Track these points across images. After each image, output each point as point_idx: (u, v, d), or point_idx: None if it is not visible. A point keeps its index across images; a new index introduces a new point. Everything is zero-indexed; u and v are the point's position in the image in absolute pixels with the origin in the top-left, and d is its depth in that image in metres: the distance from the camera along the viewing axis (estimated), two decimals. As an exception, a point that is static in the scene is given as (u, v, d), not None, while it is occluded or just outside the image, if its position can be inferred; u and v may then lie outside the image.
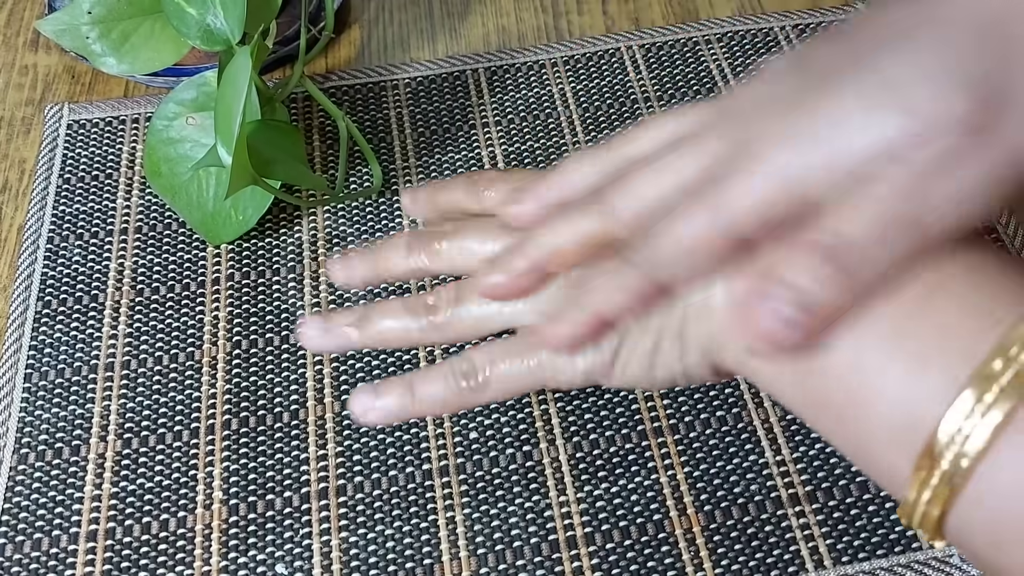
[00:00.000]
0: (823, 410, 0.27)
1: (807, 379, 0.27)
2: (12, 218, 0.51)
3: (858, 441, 0.26)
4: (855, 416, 0.26)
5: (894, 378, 0.25)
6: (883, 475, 0.26)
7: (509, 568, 0.39)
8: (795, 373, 0.27)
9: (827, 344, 0.26)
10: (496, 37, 0.59)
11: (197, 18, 0.46)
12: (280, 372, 0.44)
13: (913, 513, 0.24)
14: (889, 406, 0.25)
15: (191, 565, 0.39)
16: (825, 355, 0.26)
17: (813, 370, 0.26)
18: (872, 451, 0.26)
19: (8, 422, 0.43)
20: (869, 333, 0.25)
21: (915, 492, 0.24)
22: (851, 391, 0.25)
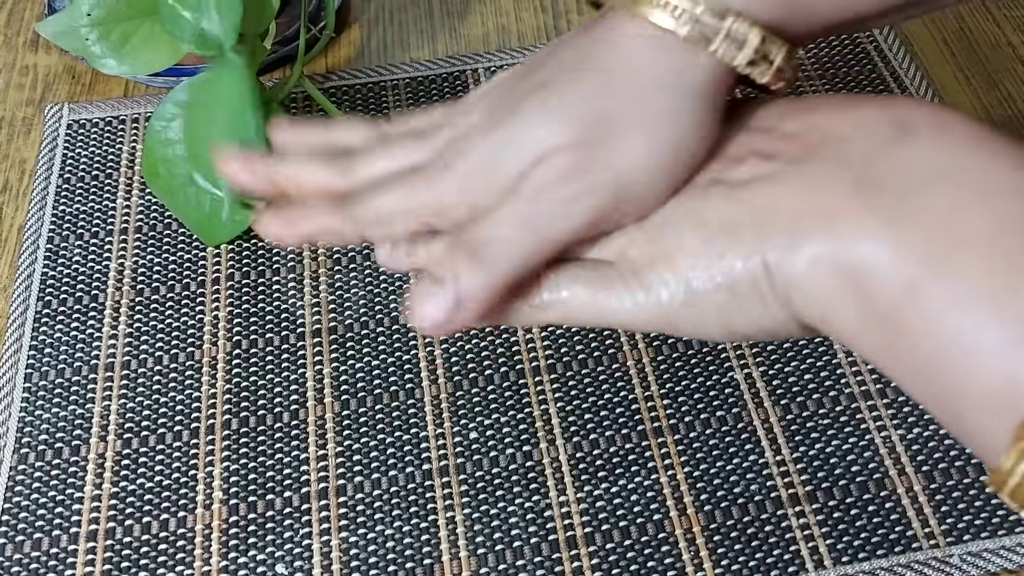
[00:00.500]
0: (914, 372, 0.26)
1: (898, 340, 0.25)
2: (12, 218, 0.51)
3: (952, 405, 0.25)
4: (950, 378, 0.25)
5: (994, 339, 0.23)
6: (977, 441, 0.25)
7: (509, 568, 0.39)
8: (884, 333, 0.26)
9: (919, 303, 0.24)
10: (496, 37, 0.59)
11: (192, 22, 0.46)
12: (280, 372, 0.44)
13: (1007, 482, 0.23)
14: (988, 368, 0.24)
15: (191, 565, 0.39)
16: (917, 314, 0.25)
17: (904, 330, 0.25)
18: (967, 415, 0.25)
19: (8, 422, 0.43)
20: (962, 289, 0.24)
21: (1012, 461, 0.23)
22: (946, 352, 0.24)
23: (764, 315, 0.28)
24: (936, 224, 0.25)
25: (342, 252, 0.49)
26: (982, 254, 0.24)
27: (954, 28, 0.58)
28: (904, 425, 0.42)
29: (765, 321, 0.28)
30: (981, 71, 0.56)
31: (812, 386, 0.44)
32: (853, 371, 0.44)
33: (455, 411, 0.43)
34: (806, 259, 0.26)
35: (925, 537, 0.39)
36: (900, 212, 0.25)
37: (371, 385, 0.44)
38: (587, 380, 0.44)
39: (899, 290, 0.25)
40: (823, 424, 0.42)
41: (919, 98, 0.27)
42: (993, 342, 0.23)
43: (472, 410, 0.43)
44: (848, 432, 0.42)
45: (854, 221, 0.25)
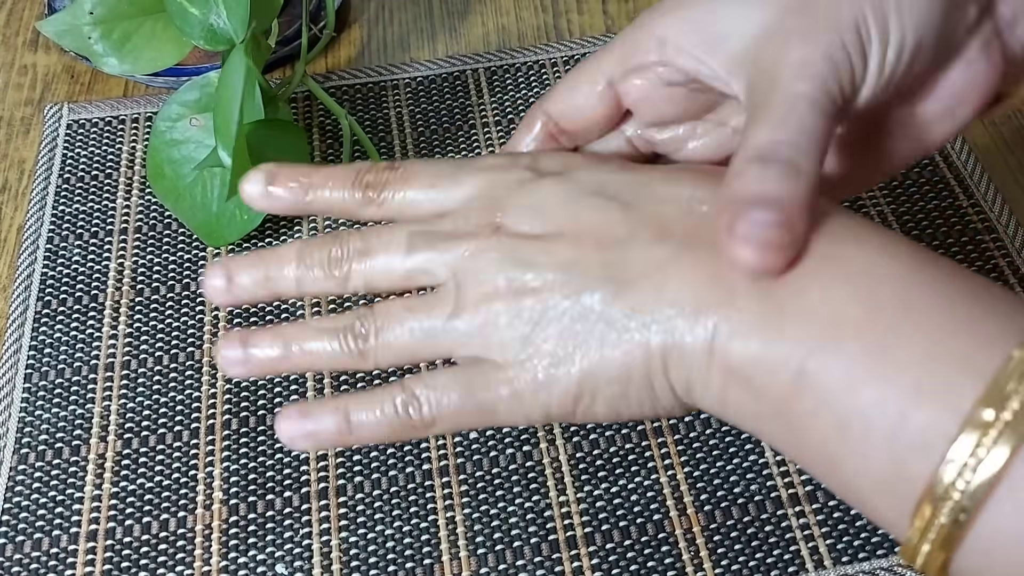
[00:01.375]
0: (812, 461, 0.26)
1: (792, 431, 0.25)
2: (12, 218, 0.51)
3: (852, 491, 0.25)
4: (844, 467, 0.25)
5: (878, 426, 0.23)
6: (880, 519, 0.25)
7: (509, 568, 0.39)
8: (779, 424, 0.26)
9: (806, 394, 0.24)
10: (496, 37, 0.59)
11: (200, 18, 0.46)
12: (280, 372, 0.44)
13: (915, 556, 0.23)
14: (877, 457, 0.23)
15: (191, 565, 0.39)
16: (802, 397, 0.24)
17: (794, 421, 0.25)
18: (866, 500, 0.25)
19: (8, 422, 0.43)
20: (843, 377, 0.24)
21: (916, 537, 0.23)
22: (836, 441, 0.24)
23: (656, 402, 0.28)
24: (816, 312, 0.24)
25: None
26: (860, 339, 0.24)
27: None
28: (904, 425, 0.42)
29: (657, 407, 0.28)
30: (981, 71, 0.56)
31: (812, 386, 0.44)
32: (853, 371, 0.44)
33: (455, 411, 0.43)
34: (700, 351, 0.26)
35: (925, 537, 0.39)
36: (786, 302, 0.25)
37: (371, 385, 0.44)
38: (587, 380, 0.44)
39: (787, 379, 0.25)
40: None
41: None
42: (877, 429, 0.23)
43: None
44: (848, 432, 0.42)
45: (745, 312, 0.25)
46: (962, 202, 0.50)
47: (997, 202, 0.50)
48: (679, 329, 0.26)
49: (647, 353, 0.26)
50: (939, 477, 0.22)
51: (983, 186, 0.50)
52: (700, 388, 0.27)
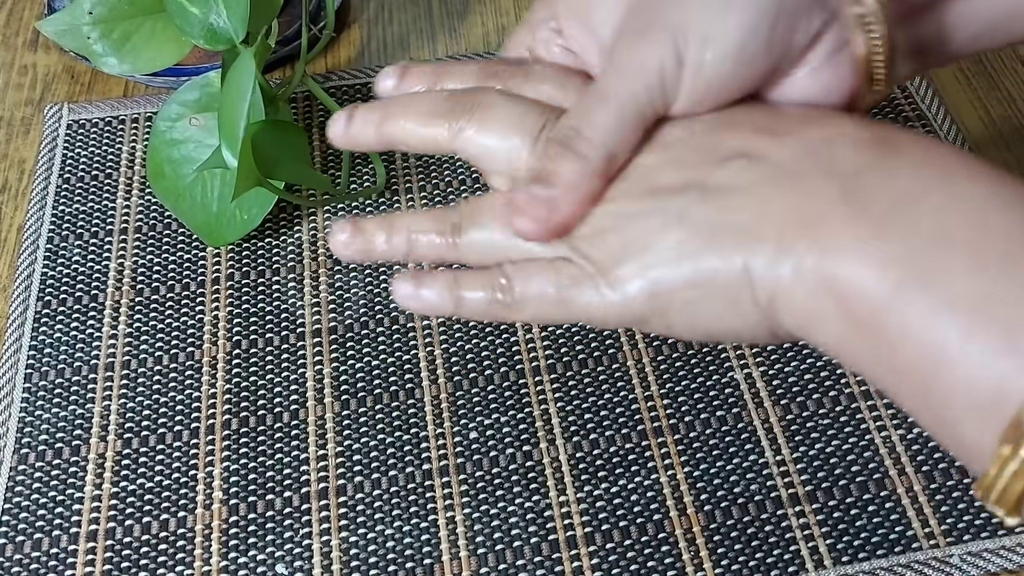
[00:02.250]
0: (898, 380, 0.26)
1: (880, 348, 0.25)
2: (12, 218, 0.51)
3: (937, 412, 0.25)
4: (934, 387, 0.24)
5: (977, 348, 0.23)
6: (963, 447, 0.25)
7: (509, 568, 0.39)
8: (866, 341, 0.25)
9: (901, 312, 0.24)
10: (496, 37, 0.59)
11: (200, 17, 0.46)
12: (280, 372, 0.44)
13: (992, 487, 0.23)
14: (972, 377, 0.23)
15: (191, 565, 0.39)
16: (899, 323, 0.24)
17: (886, 338, 0.25)
18: (952, 422, 0.25)
19: (8, 422, 0.43)
20: (945, 298, 0.24)
21: (997, 467, 0.23)
22: (929, 361, 0.24)
23: (736, 317, 0.28)
24: (924, 232, 0.25)
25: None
26: (965, 263, 0.24)
27: (954, 28, 0.58)
28: (904, 425, 0.42)
29: (736, 323, 0.28)
30: (981, 71, 0.56)
31: (812, 386, 0.44)
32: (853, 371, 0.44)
33: (455, 411, 0.43)
34: (791, 269, 0.26)
35: (925, 537, 0.39)
36: (885, 223, 0.25)
37: (371, 385, 0.44)
38: (587, 380, 0.44)
39: (881, 299, 0.24)
40: (823, 424, 0.42)
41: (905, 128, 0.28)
42: (976, 351, 0.23)
43: (472, 410, 0.43)
44: (848, 432, 0.42)
45: (839, 232, 0.25)
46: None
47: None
48: (766, 242, 0.26)
49: (730, 261, 0.27)
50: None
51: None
52: (784, 304, 0.26)
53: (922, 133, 0.28)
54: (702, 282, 0.27)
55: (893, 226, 0.25)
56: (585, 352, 0.45)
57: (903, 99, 0.54)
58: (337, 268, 0.48)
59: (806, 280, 0.26)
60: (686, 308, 0.28)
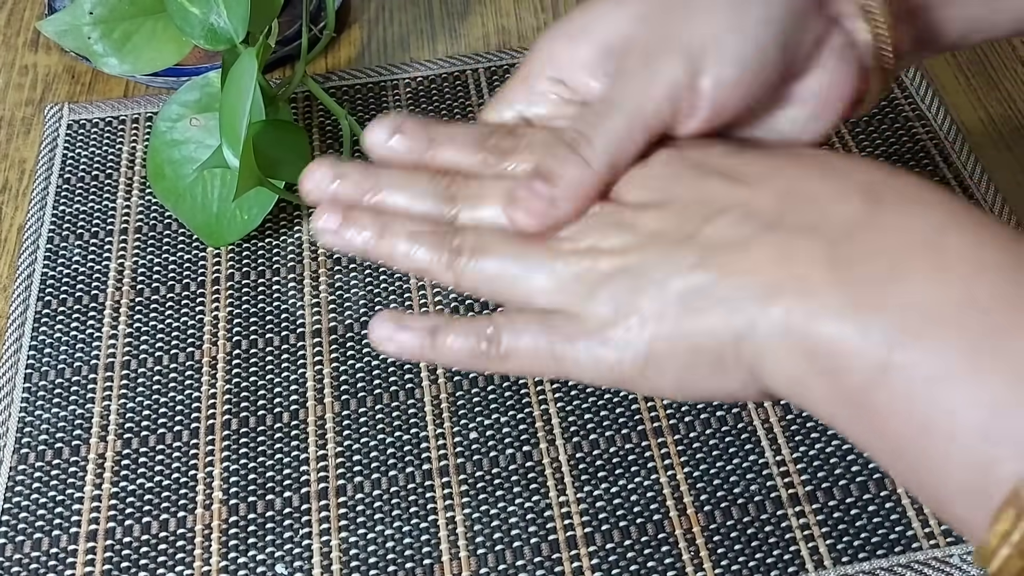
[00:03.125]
0: (888, 452, 0.25)
1: (870, 420, 0.25)
2: (12, 218, 0.51)
3: (929, 487, 0.25)
4: (924, 462, 0.24)
5: (966, 426, 0.23)
6: (957, 520, 0.24)
7: (509, 568, 0.39)
8: (855, 412, 0.25)
9: (890, 385, 0.24)
10: (496, 37, 0.59)
11: (200, 17, 0.46)
12: (280, 372, 0.44)
13: (991, 560, 0.23)
14: (962, 455, 0.23)
15: (191, 565, 0.39)
16: (884, 389, 0.24)
17: (875, 411, 0.24)
18: (944, 498, 0.24)
19: (8, 422, 0.43)
20: (933, 372, 0.23)
21: (996, 541, 0.22)
22: (919, 436, 0.24)
23: (726, 380, 0.28)
24: (908, 305, 0.24)
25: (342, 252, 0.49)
26: (952, 338, 0.23)
27: (954, 29, 0.58)
28: (904, 425, 0.42)
29: (725, 386, 0.28)
30: (981, 71, 0.56)
31: (812, 386, 0.44)
32: (853, 371, 0.44)
33: (455, 411, 0.43)
34: (775, 331, 0.26)
35: (925, 537, 0.39)
36: (872, 290, 0.25)
37: (371, 385, 0.44)
38: (587, 380, 0.44)
39: (869, 371, 0.24)
40: (823, 424, 0.42)
41: (887, 166, 0.27)
42: (966, 429, 0.23)
43: (472, 410, 0.43)
44: (848, 432, 0.42)
45: (825, 297, 0.25)
46: (962, 202, 0.50)
47: (997, 202, 0.50)
48: (754, 306, 0.26)
49: (719, 326, 0.27)
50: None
51: (983, 186, 0.50)
52: (771, 368, 0.26)
53: (913, 178, 0.27)
54: (695, 347, 0.27)
55: (878, 296, 0.24)
56: (585, 352, 0.45)
57: (903, 99, 0.54)
58: (337, 268, 0.48)
59: (790, 347, 0.26)
60: (680, 372, 0.28)
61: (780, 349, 0.26)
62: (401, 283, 0.47)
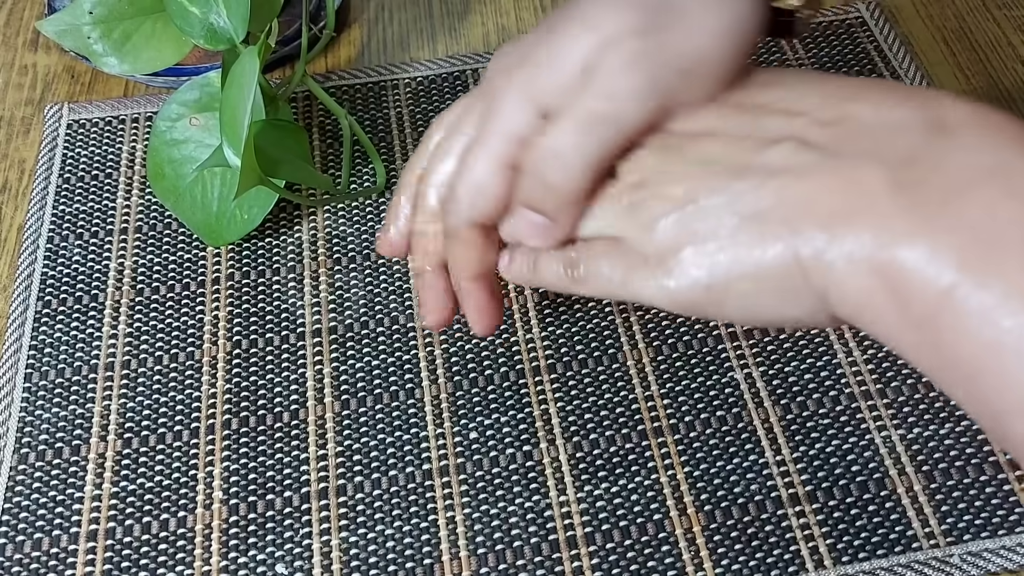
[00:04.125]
0: (952, 373, 0.25)
1: (935, 341, 0.25)
2: (12, 218, 0.51)
3: (990, 407, 0.25)
4: (988, 381, 0.24)
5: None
6: (1009, 441, 0.25)
7: (509, 568, 0.39)
8: (921, 333, 0.25)
9: (958, 307, 0.24)
10: (496, 37, 0.59)
11: (200, 17, 0.46)
12: (280, 372, 0.44)
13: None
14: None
15: (191, 565, 0.39)
16: (952, 311, 0.24)
17: (941, 332, 0.25)
18: (1005, 418, 0.24)
19: (8, 422, 0.43)
20: (1002, 294, 0.23)
21: None
22: (984, 356, 0.24)
23: (792, 306, 0.28)
24: (976, 227, 0.24)
25: (342, 252, 0.49)
26: (1018, 260, 0.24)
27: (954, 28, 0.58)
28: (904, 425, 0.42)
29: (792, 311, 0.28)
30: (981, 71, 0.56)
31: (812, 386, 0.44)
32: (853, 371, 0.44)
33: (455, 411, 0.43)
34: (843, 257, 0.26)
35: (925, 537, 0.39)
36: (939, 214, 0.25)
37: (371, 385, 0.44)
38: (587, 380, 0.44)
39: (938, 293, 0.24)
40: (823, 424, 0.42)
41: (956, 94, 0.27)
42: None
43: (472, 410, 0.43)
44: (848, 432, 0.42)
45: (892, 222, 0.25)
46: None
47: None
48: (820, 232, 0.26)
49: (784, 253, 0.27)
50: None
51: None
52: (840, 294, 0.26)
53: (980, 105, 0.27)
54: (759, 274, 0.27)
55: (944, 219, 0.24)
56: (585, 352, 0.45)
57: (903, 99, 0.54)
58: (337, 268, 0.48)
59: (858, 272, 0.26)
60: (743, 298, 0.28)
61: (849, 274, 0.26)
62: (401, 283, 0.47)
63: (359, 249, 0.49)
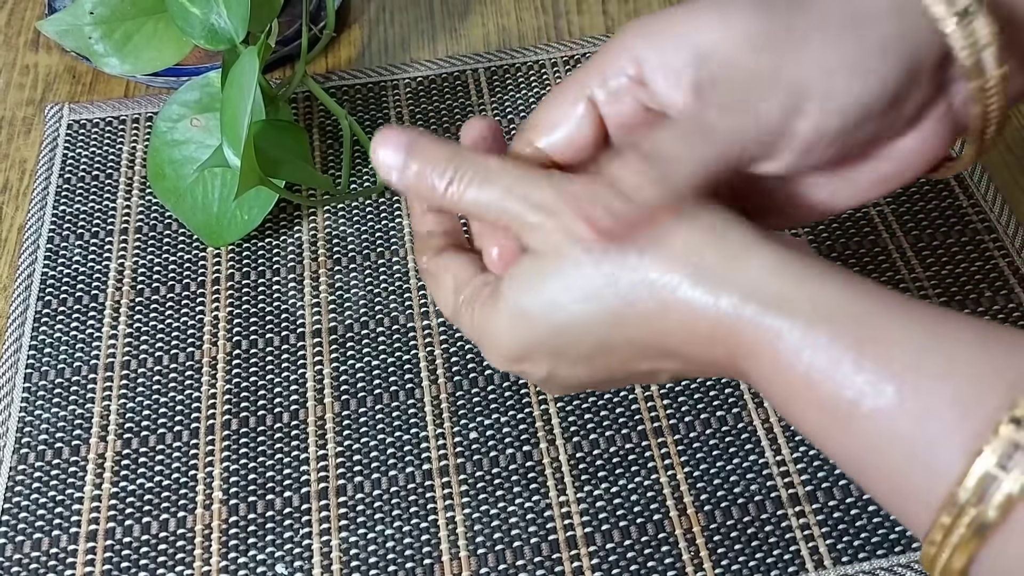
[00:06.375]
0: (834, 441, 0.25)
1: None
2: (12, 218, 0.51)
3: (879, 485, 0.25)
4: (872, 460, 0.24)
5: (909, 421, 0.23)
6: (906, 521, 0.25)
7: (509, 568, 0.39)
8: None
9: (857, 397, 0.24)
10: (496, 37, 0.59)
11: (201, 17, 0.46)
12: (280, 372, 0.44)
13: (935, 562, 0.23)
14: (906, 450, 0.23)
15: (191, 565, 0.39)
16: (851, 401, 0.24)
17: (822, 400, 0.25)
18: (892, 500, 0.25)
19: (8, 422, 0.43)
20: (881, 372, 0.24)
21: (935, 547, 0.23)
22: (870, 438, 0.24)
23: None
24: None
25: (342, 252, 0.49)
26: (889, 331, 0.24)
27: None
28: (904, 425, 0.42)
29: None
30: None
31: (812, 386, 0.43)
32: (853, 371, 0.44)
33: (455, 411, 0.43)
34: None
35: (925, 537, 0.39)
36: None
37: (371, 385, 0.44)
38: (587, 380, 0.44)
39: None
40: (823, 424, 0.42)
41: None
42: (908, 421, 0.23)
43: (472, 410, 0.43)
44: (848, 432, 0.42)
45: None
46: (962, 202, 0.50)
47: (997, 202, 0.50)
48: None
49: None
50: (957, 493, 0.22)
51: (983, 186, 0.50)
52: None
53: None
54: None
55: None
56: (585, 352, 0.45)
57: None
58: (337, 268, 0.48)
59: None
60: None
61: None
62: (401, 283, 0.47)
63: (359, 249, 0.49)
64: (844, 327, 0.24)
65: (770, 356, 0.25)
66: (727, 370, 0.27)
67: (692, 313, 0.26)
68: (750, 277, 0.25)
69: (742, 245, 0.26)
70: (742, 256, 0.26)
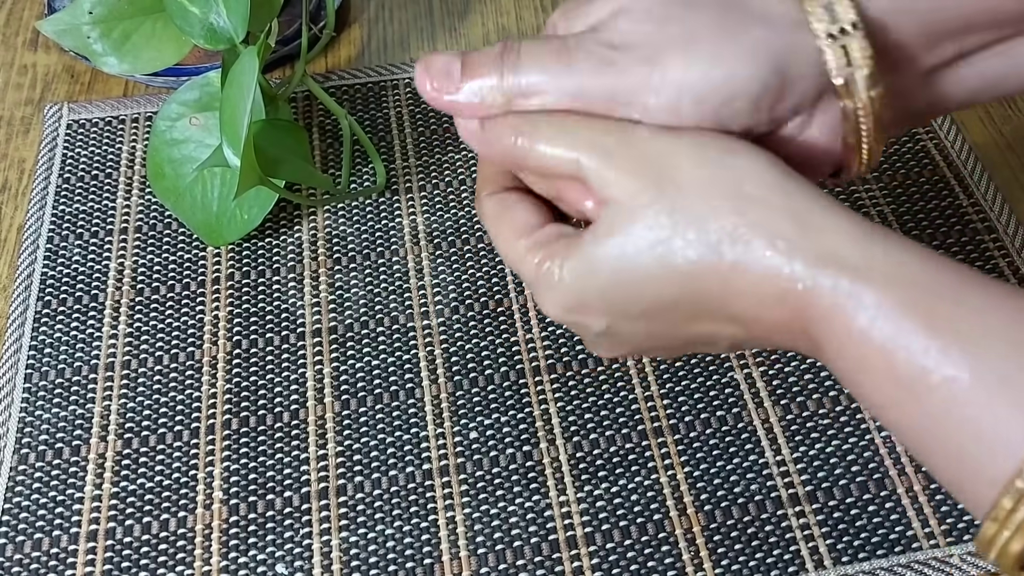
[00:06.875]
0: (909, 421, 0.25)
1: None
2: (12, 218, 0.51)
3: (944, 461, 0.25)
4: (940, 432, 0.24)
5: (981, 393, 0.23)
6: (966, 499, 0.25)
7: (509, 568, 0.39)
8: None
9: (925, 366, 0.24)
10: (496, 36, 0.59)
11: (200, 17, 0.46)
12: (280, 372, 0.44)
13: (993, 543, 0.23)
14: (974, 424, 0.23)
15: (191, 565, 0.39)
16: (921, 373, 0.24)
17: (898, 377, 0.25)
18: (956, 477, 0.25)
19: (8, 422, 0.43)
20: (958, 354, 0.24)
21: (996, 525, 0.23)
22: (940, 410, 0.24)
23: None
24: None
25: (342, 252, 0.49)
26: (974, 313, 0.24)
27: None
28: (904, 425, 0.42)
29: None
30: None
31: (812, 386, 0.44)
32: (853, 371, 0.44)
33: (455, 411, 0.43)
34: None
35: (925, 537, 0.39)
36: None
37: (371, 385, 0.44)
38: (587, 380, 0.44)
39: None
40: (823, 424, 0.42)
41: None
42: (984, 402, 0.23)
43: (472, 410, 0.43)
44: (848, 432, 0.42)
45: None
46: (962, 202, 0.50)
47: (997, 202, 0.50)
48: None
49: None
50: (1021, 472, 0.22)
51: (983, 186, 0.50)
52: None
53: None
54: None
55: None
56: (585, 352, 0.45)
57: (903, 99, 0.54)
58: (337, 268, 0.48)
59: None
60: None
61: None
62: (401, 283, 0.47)
63: (359, 249, 0.49)
64: (920, 297, 0.24)
65: (843, 323, 0.25)
66: (794, 337, 0.27)
67: (765, 274, 0.26)
68: (827, 242, 0.25)
69: (817, 211, 0.26)
70: (818, 222, 0.26)
